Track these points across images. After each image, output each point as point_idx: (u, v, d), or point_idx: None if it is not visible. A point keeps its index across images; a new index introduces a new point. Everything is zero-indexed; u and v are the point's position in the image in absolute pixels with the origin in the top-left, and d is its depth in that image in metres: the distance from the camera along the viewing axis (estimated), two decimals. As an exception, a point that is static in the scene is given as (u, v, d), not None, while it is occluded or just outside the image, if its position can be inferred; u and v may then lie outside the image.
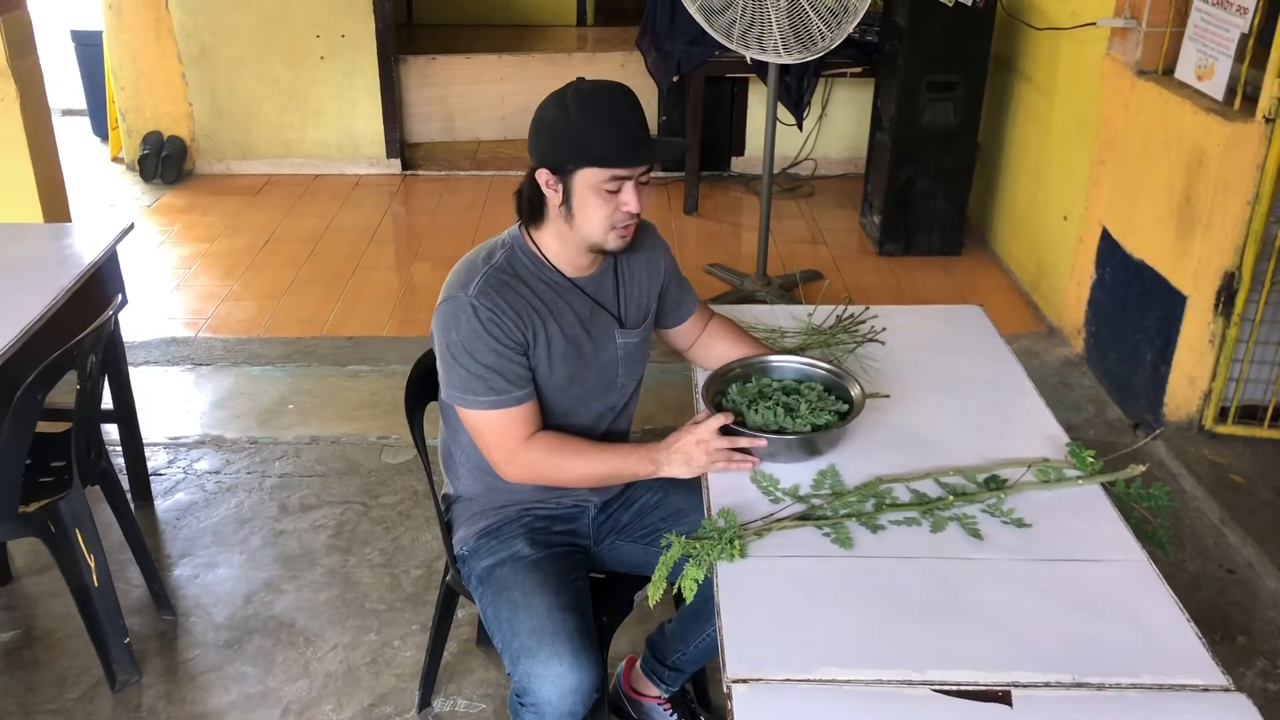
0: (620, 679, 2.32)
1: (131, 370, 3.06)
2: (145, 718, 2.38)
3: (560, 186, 1.81)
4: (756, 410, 1.90)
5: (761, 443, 1.81)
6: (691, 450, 1.79)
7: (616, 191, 1.79)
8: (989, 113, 4.75)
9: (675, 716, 2.24)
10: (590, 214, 1.81)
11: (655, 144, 1.85)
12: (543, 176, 1.82)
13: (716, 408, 1.91)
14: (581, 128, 1.76)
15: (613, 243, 1.84)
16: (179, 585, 2.77)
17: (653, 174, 1.88)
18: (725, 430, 1.81)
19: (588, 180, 1.78)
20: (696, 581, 1.57)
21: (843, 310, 2.38)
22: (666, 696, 2.24)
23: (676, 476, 1.85)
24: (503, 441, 1.86)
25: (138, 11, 5.48)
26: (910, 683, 1.37)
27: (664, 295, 2.08)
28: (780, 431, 1.86)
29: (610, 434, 2.03)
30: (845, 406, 1.94)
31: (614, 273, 1.98)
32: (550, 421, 1.93)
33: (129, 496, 2.74)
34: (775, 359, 2.08)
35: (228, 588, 2.76)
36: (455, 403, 1.86)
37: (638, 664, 2.27)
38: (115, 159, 6.02)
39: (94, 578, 2.34)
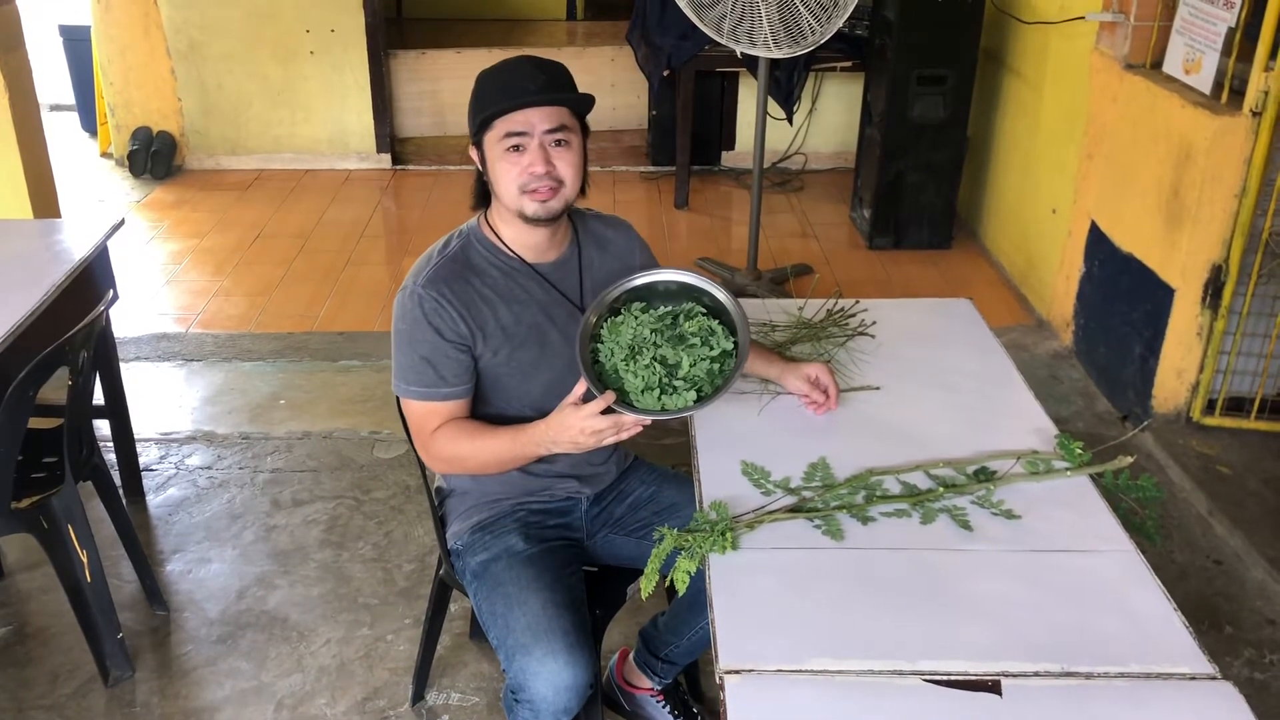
0: (613, 671, 2.32)
1: (122, 366, 3.05)
2: (139, 713, 2.38)
3: (479, 157, 1.88)
4: (635, 373, 1.73)
5: (646, 421, 1.72)
6: (577, 438, 1.74)
7: (519, 151, 1.81)
8: (978, 107, 4.76)
9: (668, 708, 2.25)
10: (500, 178, 1.84)
11: (543, 90, 1.79)
12: (473, 154, 1.90)
13: (593, 363, 1.77)
14: (482, 95, 1.84)
15: (530, 207, 1.84)
16: (172, 581, 2.77)
17: (643, 169, 1.88)
18: (609, 407, 1.70)
19: (492, 144, 1.83)
20: (689, 574, 1.58)
21: (833, 304, 2.39)
22: (659, 688, 2.25)
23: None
24: (417, 432, 1.91)
25: (126, 7, 5.46)
26: (901, 673, 1.39)
27: None
28: (664, 407, 1.72)
29: None
30: (730, 343, 1.79)
31: (577, 260, 1.99)
32: (520, 410, 1.93)
33: (121, 492, 2.74)
34: (644, 279, 1.86)
35: (220, 583, 2.77)
36: (394, 388, 1.92)
37: (630, 656, 2.28)
38: (104, 154, 6.00)
39: (87, 573, 2.34)
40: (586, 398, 1.72)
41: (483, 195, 1.94)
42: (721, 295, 1.84)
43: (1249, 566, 2.82)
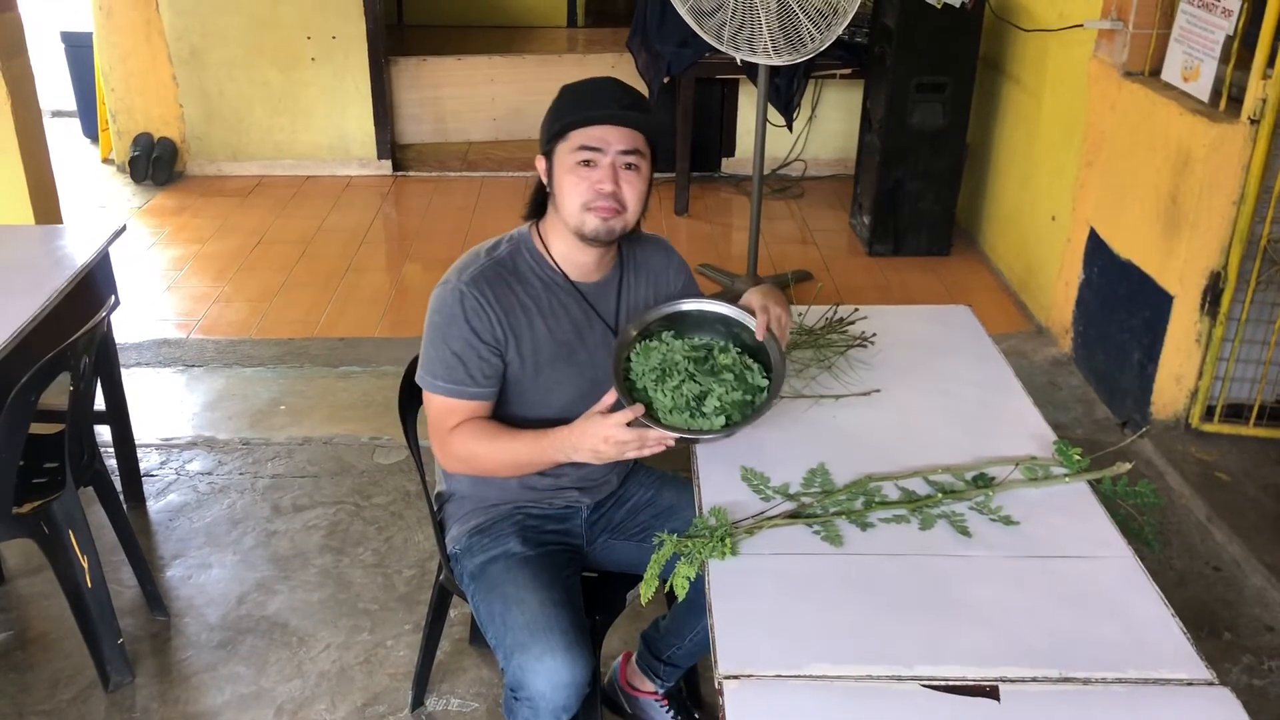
0: (617, 674, 2.33)
1: (123, 372, 3.06)
2: (139, 718, 2.38)
3: (548, 168, 1.87)
4: (665, 393, 1.75)
5: (670, 440, 1.73)
6: (600, 447, 1.74)
7: (590, 166, 1.81)
8: (977, 114, 4.77)
9: (671, 712, 2.26)
10: (566, 191, 1.83)
11: (628, 109, 1.80)
12: (540, 164, 1.89)
13: (625, 377, 1.81)
14: (562, 106, 1.84)
15: (590, 225, 1.83)
16: (172, 586, 2.78)
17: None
18: (636, 420, 1.71)
19: (563, 154, 1.83)
20: (688, 579, 1.58)
21: (832, 312, 2.39)
22: (662, 692, 2.25)
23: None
24: (437, 427, 1.90)
25: (128, 13, 5.48)
26: (899, 678, 1.39)
27: None
28: (690, 427, 1.74)
29: None
30: (763, 380, 1.82)
31: (618, 283, 1.99)
32: (538, 417, 1.94)
33: (122, 498, 2.74)
34: (689, 305, 1.91)
35: (221, 588, 2.77)
36: (419, 379, 1.91)
37: (634, 659, 2.29)
38: (106, 160, 6.01)
39: (87, 579, 2.34)
40: (614, 409, 1.73)
41: (537, 206, 1.94)
42: (766, 339, 1.85)
43: (1248, 573, 2.83)
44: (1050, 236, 4.13)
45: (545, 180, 1.89)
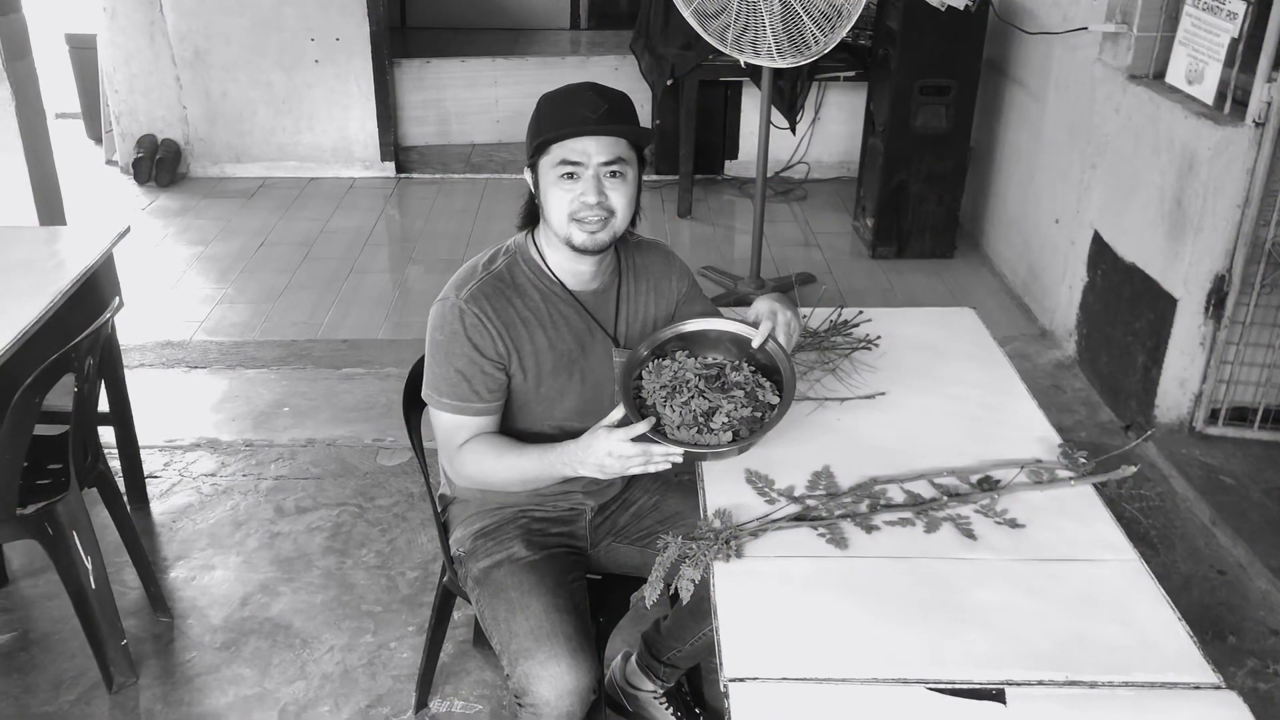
0: (615, 672, 2.33)
1: (127, 373, 3.06)
2: (142, 720, 2.39)
3: (533, 180, 1.87)
4: (673, 409, 1.75)
5: (677, 456, 1.71)
6: (604, 461, 1.72)
7: (573, 179, 1.80)
8: (981, 117, 4.77)
9: (670, 709, 2.26)
10: (551, 204, 1.83)
11: (605, 119, 1.78)
12: (527, 176, 1.89)
13: (636, 395, 1.81)
14: (541, 117, 1.83)
15: (577, 237, 1.83)
16: (175, 587, 2.78)
17: (647, 178, 1.88)
18: (642, 435, 1.70)
19: (546, 169, 1.82)
20: (693, 582, 1.59)
21: (836, 315, 2.39)
22: (662, 691, 2.25)
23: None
24: (445, 444, 1.91)
25: (132, 15, 5.49)
26: (905, 681, 1.39)
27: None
28: (697, 442, 1.73)
29: None
30: (775, 397, 1.81)
31: (617, 290, 1.99)
32: (543, 429, 1.94)
33: (125, 499, 2.74)
34: (697, 325, 1.90)
35: (224, 590, 2.77)
36: (425, 396, 1.91)
37: (633, 658, 2.29)
38: (109, 162, 6.01)
39: (91, 580, 2.35)
40: (621, 425, 1.72)
41: (530, 216, 1.94)
42: (775, 352, 1.84)
43: (1252, 577, 2.82)
44: (1054, 239, 4.13)
45: (533, 191, 1.89)
